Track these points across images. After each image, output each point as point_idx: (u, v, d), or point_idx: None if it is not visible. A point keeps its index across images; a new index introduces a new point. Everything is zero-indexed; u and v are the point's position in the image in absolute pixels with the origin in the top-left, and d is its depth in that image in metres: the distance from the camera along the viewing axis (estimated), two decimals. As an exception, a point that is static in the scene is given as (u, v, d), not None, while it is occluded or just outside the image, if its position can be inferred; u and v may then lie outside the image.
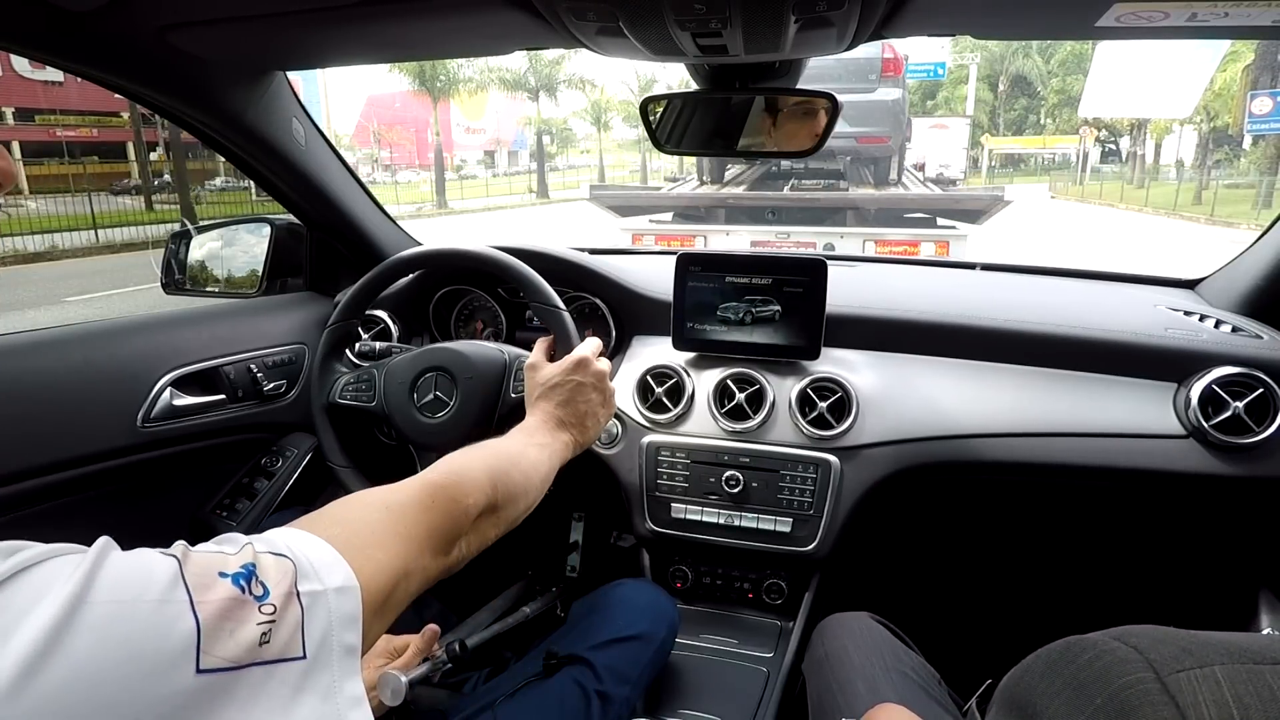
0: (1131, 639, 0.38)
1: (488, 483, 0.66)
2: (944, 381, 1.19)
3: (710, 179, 7.54)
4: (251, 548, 0.41)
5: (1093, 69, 6.86)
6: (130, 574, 0.36)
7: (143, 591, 0.35)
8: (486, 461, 0.69)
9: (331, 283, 1.47)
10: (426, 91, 21.50)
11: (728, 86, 0.98)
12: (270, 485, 1.27)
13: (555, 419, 0.86)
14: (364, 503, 0.55)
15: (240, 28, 0.88)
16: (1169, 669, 0.35)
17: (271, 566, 0.40)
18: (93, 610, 0.33)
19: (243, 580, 0.38)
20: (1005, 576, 1.46)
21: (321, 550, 0.44)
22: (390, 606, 0.49)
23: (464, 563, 0.62)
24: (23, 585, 0.33)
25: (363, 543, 0.48)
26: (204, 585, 0.37)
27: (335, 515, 0.52)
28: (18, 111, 18.74)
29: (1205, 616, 1.24)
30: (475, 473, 0.65)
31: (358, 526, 0.51)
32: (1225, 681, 0.33)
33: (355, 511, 0.53)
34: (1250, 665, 0.34)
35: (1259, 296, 1.22)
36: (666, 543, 1.23)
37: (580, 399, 0.88)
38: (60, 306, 7.27)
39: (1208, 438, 1.05)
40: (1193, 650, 0.35)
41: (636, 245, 4.55)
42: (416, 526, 0.55)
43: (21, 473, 0.95)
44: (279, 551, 0.42)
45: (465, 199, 24.65)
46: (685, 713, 0.99)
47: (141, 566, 0.36)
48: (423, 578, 0.55)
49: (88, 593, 0.33)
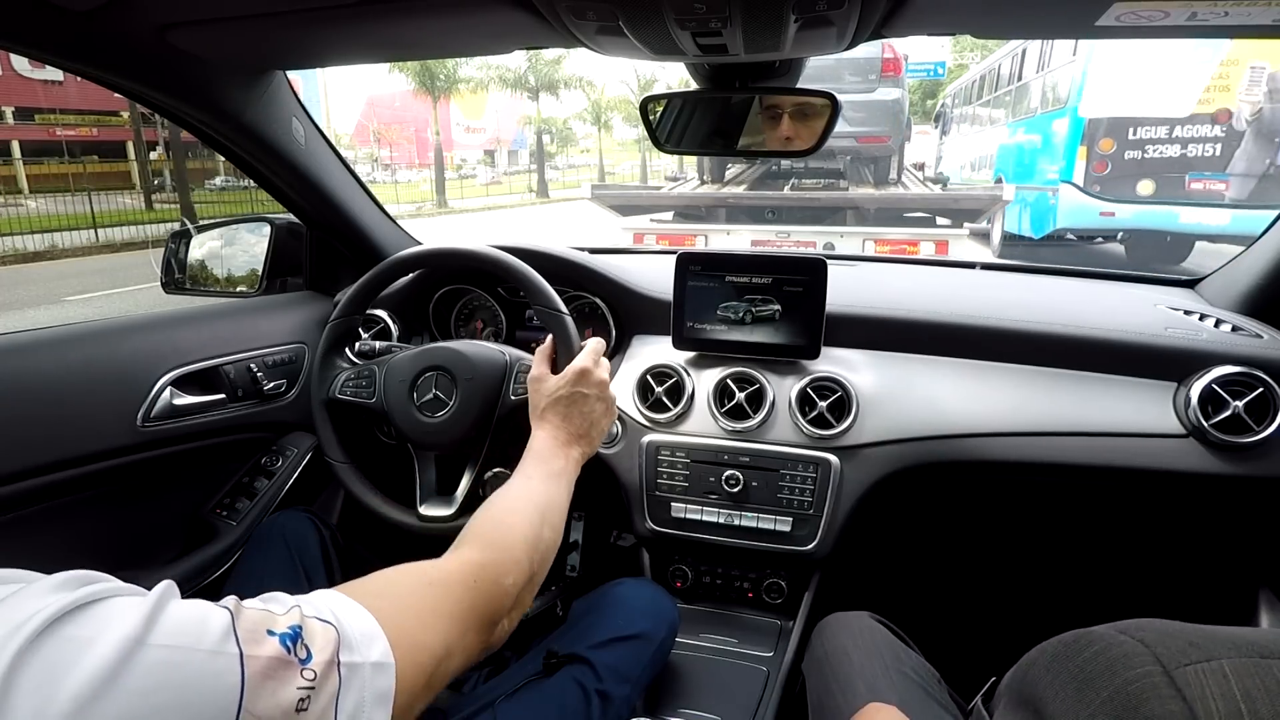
0: (1138, 632, 0.38)
1: (525, 557, 0.66)
2: (944, 381, 1.19)
3: (711, 178, 7.57)
4: (299, 610, 0.42)
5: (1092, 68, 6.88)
6: (187, 621, 0.37)
7: (198, 640, 0.36)
8: (522, 531, 0.68)
9: (331, 282, 1.47)
10: (426, 91, 21.48)
11: (728, 86, 0.98)
12: (270, 485, 1.27)
13: (565, 434, 0.86)
14: (408, 576, 0.55)
15: (240, 27, 0.88)
16: (1176, 662, 0.34)
17: (318, 632, 0.41)
18: (150, 653, 0.34)
19: (289, 641, 0.39)
20: (1005, 576, 1.46)
21: (365, 622, 0.45)
22: (432, 685, 0.49)
23: (507, 637, 0.62)
24: (89, 618, 0.35)
25: (404, 619, 0.49)
26: (254, 640, 0.38)
27: (380, 586, 0.52)
28: (17, 111, 18.72)
29: (1205, 615, 1.24)
30: (515, 548, 0.65)
31: (402, 601, 0.51)
32: (1232, 675, 0.33)
33: (399, 585, 0.54)
34: (1257, 659, 0.34)
35: (1259, 296, 1.21)
36: (666, 542, 1.23)
37: (585, 409, 0.88)
38: (60, 306, 7.27)
39: (1208, 437, 1.05)
40: (1199, 644, 0.35)
41: (638, 245, 4.58)
42: (459, 605, 0.55)
43: (21, 472, 0.95)
44: (325, 618, 0.43)
45: (465, 198, 24.65)
46: (685, 712, 0.99)
47: (198, 615, 0.38)
48: (465, 657, 0.55)
49: (147, 634, 0.35)
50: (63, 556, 1.04)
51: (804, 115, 0.99)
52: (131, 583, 0.40)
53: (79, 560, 1.10)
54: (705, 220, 5.75)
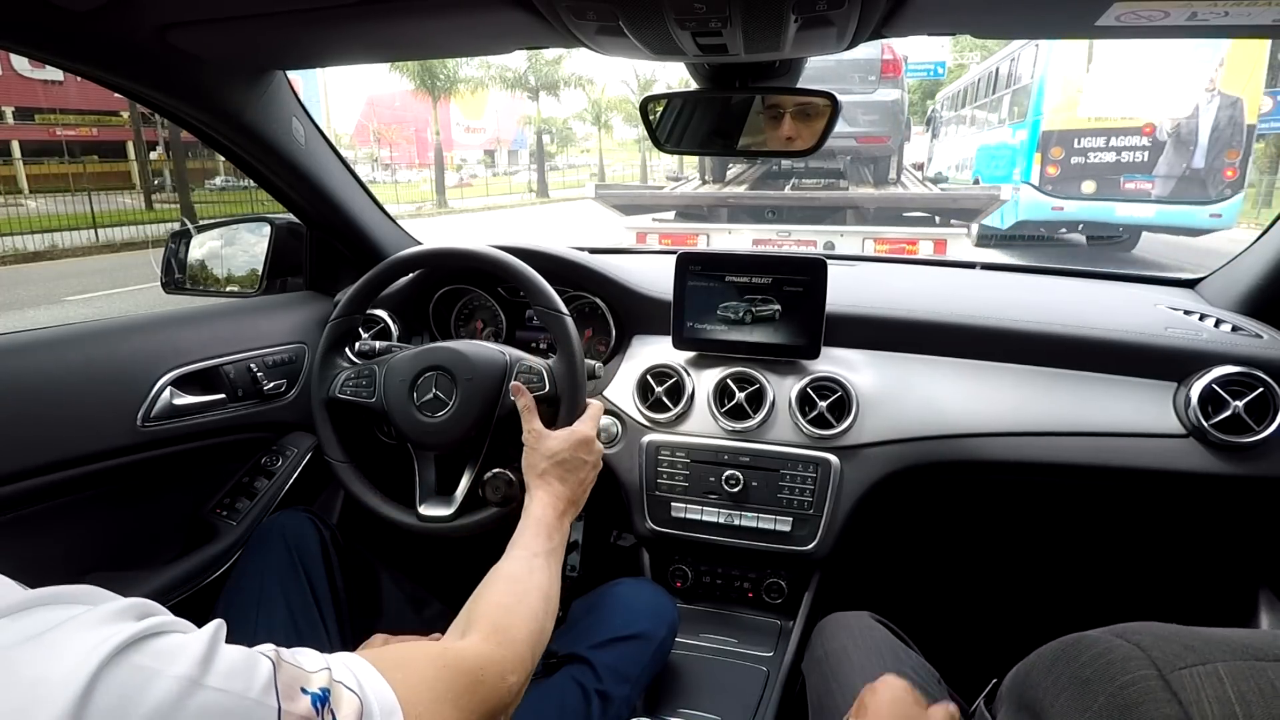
0: (1134, 636, 0.38)
1: (530, 654, 0.67)
2: (944, 381, 1.19)
3: (712, 178, 7.67)
4: (329, 673, 0.44)
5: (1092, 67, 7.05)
6: (238, 667, 0.39)
7: (247, 688, 0.38)
8: (529, 626, 0.69)
9: (331, 282, 1.47)
10: (426, 91, 21.47)
11: (728, 85, 0.98)
12: (270, 484, 1.27)
13: (563, 501, 0.87)
14: (425, 654, 0.57)
15: (240, 27, 0.88)
16: (1171, 666, 0.35)
17: (344, 700, 0.43)
18: (206, 694, 0.36)
19: (319, 703, 0.41)
20: (1005, 575, 1.46)
21: (385, 694, 0.47)
22: None
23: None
24: (152, 650, 0.36)
25: (419, 697, 0.50)
26: (290, 696, 0.40)
27: (399, 657, 0.53)
28: (17, 111, 18.71)
29: (1205, 615, 1.24)
30: (521, 644, 0.66)
31: (417, 678, 0.52)
32: (1228, 678, 0.33)
33: (417, 661, 0.55)
34: (1253, 662, 0.34)
35: (1259, 296, 1.21)
36: (666, 542, 1.23)
37: (582, 476, 0.90)
38: (60, 306, 7.26)
39: (1207, 437, 1.05)
40: (1195, 647, 0.35)
41: (640, 244, 4.64)
42: (465, 695, 0.56)
43: (21, 472, 0.95)
44: (350, 686, 0.44)
45: (465, 198, 24.63)
46: (685, 712, 0.99)
47: (249, 661, 0.39)
48: None
49: (204, 676, 0.36)
50: (63, 556, 1.04)
51: (806, 115, 0.99)
52: (132, 582, 0.41)
53: (79, 561, 1.10)
54: (708, 219, 5.85)
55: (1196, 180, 7.28)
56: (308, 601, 0.94)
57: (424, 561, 1.35)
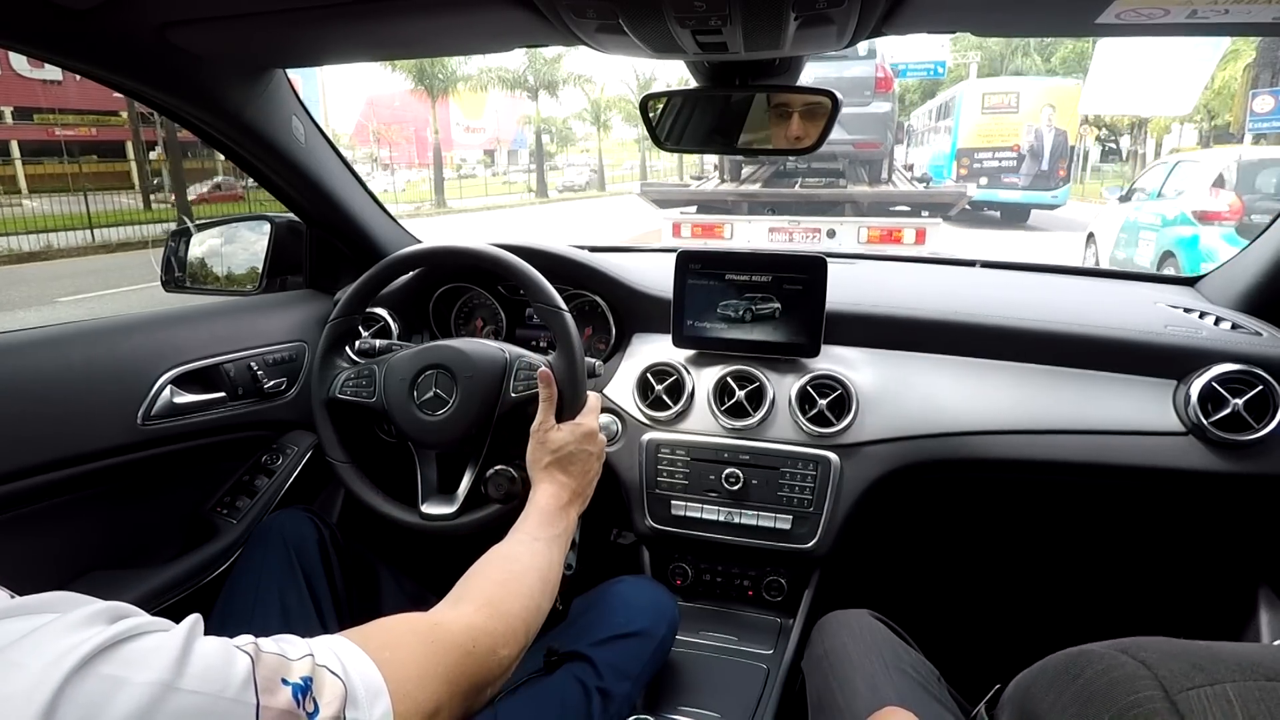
0: (1140, 653, 0.37)
1: (524, 629, 0.67)
2: (944, 379, 1.19)
3: (729, 177, 8.49)
4: (312, 659, 0.43)
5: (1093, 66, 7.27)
6: (214, 665, 0.38)
7: (224, 687, 0.37)
8: (525, 601, 0.69)
9: (331, 280, 1.47)
10: (426, 90, 21.44)
11: (727, 84, 0.98)
12: (270, 483, 1.27)
13: (568, 492, 0.88)
14: (412, 629, 0.56)
15: (240, 25, 0.88)
16: (1178, 686, 0.33)
17: (327, 686, 0.43)
18: (179, 698, 0.35)
19: (300, 693, 0.41)
20: (1004, 573, 1.46)
21: (371, 675, 0.46)
22: None
23: (486, 703, 0.63)
24: (122, 656, 0.35)
25: (406, 674, 0.50)
26: (269, 689, 0.39)
27: (386, 636, 0.53)
28: (16, 110, 18.68)
29: (1204, 613, 1.24)
30: (516, 617, 0.66)
31: (405, 655, 0.52)
32: (1236, 700, 0.32)
33: (404, 637, 0.54)
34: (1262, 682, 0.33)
35: (1259, 294, 1.22)
36: (666, 540, 1.23)
37: (587, 468, 0.91)
38: (52, 307, 7.23)
39: (1207, 435, 1.05)
40: (1203, 666, 0.34)
41: (676, 236, 5.76)
42: (455, 669, 0.56)
43: (21, 471, 0.95)
44: (334, 670, 0.44)
45: (464, 198, 24.60)
46: (685, 710, 0.99)
47: (224, 659, 0.39)
48: (449, 717, 0.55)
49: (177, 679, 0.36)
50: (63, 555, 1.04)
51: (812, 114, 1.00)
52: (132, 580, 0.41)
53: (79, 560, 1.10)
54: (730, 212, 6.72)
55: (1043, 177, 12.87)
56: (306, 600, 0.94)
57: (424, 560, 1.35)
